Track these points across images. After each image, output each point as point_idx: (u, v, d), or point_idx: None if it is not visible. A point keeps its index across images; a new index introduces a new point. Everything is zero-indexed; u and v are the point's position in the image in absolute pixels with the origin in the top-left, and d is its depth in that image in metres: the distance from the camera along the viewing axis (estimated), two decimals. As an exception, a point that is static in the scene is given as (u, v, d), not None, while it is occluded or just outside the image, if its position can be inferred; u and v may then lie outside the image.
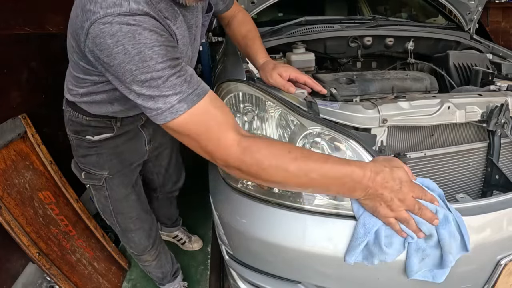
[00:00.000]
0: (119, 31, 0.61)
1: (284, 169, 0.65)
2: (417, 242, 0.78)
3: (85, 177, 1.13)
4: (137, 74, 0.62)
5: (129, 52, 0.61)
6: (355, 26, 1.80)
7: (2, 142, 1.39)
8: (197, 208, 2.28)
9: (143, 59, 0.61)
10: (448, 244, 0.76)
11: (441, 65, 1.54)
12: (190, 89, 0.65)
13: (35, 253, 1.34)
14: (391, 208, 0.72)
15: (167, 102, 0.63)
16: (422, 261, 0.79)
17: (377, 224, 0.76)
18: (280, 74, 1.03)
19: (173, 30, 0.74)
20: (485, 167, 1.13)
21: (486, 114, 1.05)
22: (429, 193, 0.77)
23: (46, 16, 1.86)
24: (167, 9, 0.72)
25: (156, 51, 0.62)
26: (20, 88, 1.61)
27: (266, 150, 0.66)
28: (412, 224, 0.73)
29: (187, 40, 0.82)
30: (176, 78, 0.64)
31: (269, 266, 0.96)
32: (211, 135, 0.66)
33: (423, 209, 0.73)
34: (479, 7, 1.80)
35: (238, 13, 1.23)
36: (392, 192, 0.70)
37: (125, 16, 0.62)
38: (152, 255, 1.42)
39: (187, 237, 2.01)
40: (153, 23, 0.65)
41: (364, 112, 0.96)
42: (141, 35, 0.62)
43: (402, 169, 0.73)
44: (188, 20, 0.82)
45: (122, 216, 1.23)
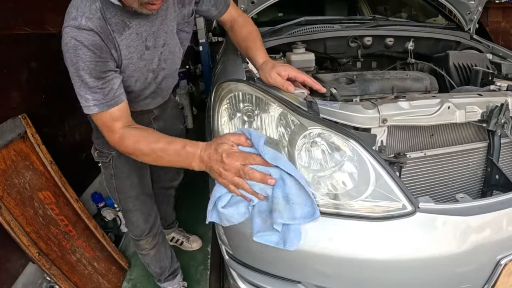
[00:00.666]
0: (69, 42, 0.87)
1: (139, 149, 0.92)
2: (259, 204, 0.85)
3: (97, 156, 1.31)
4: (74, 75, 0.89)
5: (71, 59, 0.87)
6: (355, 26, 1.80)
7: (2, 142, 1.40)
8: (197, 208, 2.27)
9: (78, 68, 0.87)
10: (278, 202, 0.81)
11: (441, 65, 1.54)
12: (104, 100, 0.91)
13: (35, 253, 1.34)
14: (223, 177, 0.84)
15: (88, 102, 0.91)
16: (265, 223, 0.84)
17: (221, 192, 0.87)
18: (279, 73, 1.03)
19: (116, 41, 0.94)
20: (485, 167, 1.13)
21: (486, 114, 1.05)
22: (258, 157, 0.83)
23: (46, 16, 1.86)
24: (117, 24, 0.93)
25: (87, 65, 0.87)
26: (20, 88, 1.61)
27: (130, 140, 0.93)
28: (246, 188, 0.84)
29: (139, 48, 1.00)
30: (97, 88, 0.90)
31: (269, 266, 0.96)
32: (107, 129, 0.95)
33: (250, 173, 0.82)
34: (479, 7, 1.80)
35: (238, 17, 1.25)
36: (217, 164, 0.84)
37: (77, 29, 0.86)
38: (150, 242, 1.46)
39: (185, 238, 2.02)
40: (93, 40, 0.88)
41: (364, 112, 0.96)
42: (81, 50, 0.86)
43: (226, 144, 0.84)
44: (145, 29, 1.00)
45: (123, 195, 1.34)
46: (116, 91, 0.94)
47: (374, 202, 0.85)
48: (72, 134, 2.07)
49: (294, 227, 0.81)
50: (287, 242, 0.81)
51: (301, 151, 0.90)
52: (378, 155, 0.88)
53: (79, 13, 0.87)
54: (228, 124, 0.98)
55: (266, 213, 0.85)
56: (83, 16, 0.87)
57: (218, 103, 1.00)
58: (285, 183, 0.82)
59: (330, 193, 0.87)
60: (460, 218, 0.84)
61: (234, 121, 0.97)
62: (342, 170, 0.88)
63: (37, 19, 1.79)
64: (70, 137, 2.05)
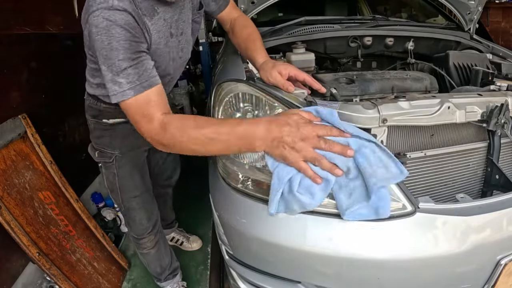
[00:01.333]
0: (100, 23, 0.80)
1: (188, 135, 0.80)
2: (338, 180, 0.76)
3: (98, 156, 1.28)
4: (106, 58, 0.82)
5: (103, 41, 0.81)
6: (355, 26, 1.80)
7: (2, 142, 1.40)
8: (197, 208, 2.28)
9: (111, 49, 0.81)
10: (368, 169, 0.74)
11: (441, 65, 1.54)
12: (138, 81, 0.84)
13: (35, 253, 1.34)
14: (296, 150, 0.74)
15: (121, 87, 0.83)
16: (350, 197, 0.77)
17: (291, 173, 0.76)
18: (279, 72, 1.04)
19: (147, 25, 0.91)
20: (485, 167, 1.13)
21: (486, 114, 1.04)
22: (335, 128, 0.76)
23: (46, 16, 1.86)
24: (147, 8, 0.91)
25: (122, 44, 0.81)
26: (20, 88, 1.61)
27: (177, 122, 0.81)
28: (324, 162, 0.74)
29: (164, 34, 0.98)
30: (131, 69, 0.83)
31: (269, 266, 0.96)
32: (144, 116, 0.84)
33: (330, 143, 0.74)
34: (479, 7, 1.80)
35: (238, 18, 1.26)
36: (291, 134, 0.74)
37: (108, 10, 0.81)
38: (152, 240, 1.46)
39: (185, 238, 2.02)
40: (127, 20, 0.83)
41: (364, 112, 0.96)
42: (114, 29, 0.81)
43: (296, 113, 0.77)
44: (169, 16, 0.98)
45: (126, 194, 1.33)
46: (151, 72, 0.87)
47: (374, 202, 0.85)
48: (72, 134, 2.07)
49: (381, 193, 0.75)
50: (380, 210, 0.76)
51: (301, 151, 0.90)
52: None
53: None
54: (228, 124, 0.98)
55: (348, 187, 0.78)
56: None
57: (218, 103, 1.00)
58: (366, 150, 0.75)
59: (330, 193, 0.87)
60: (460, 218, 0.84)
61: (234, 121, 0.97)
62: (342, 170, 0.88)
63: (37, 19, 1.79)
64: (70, 137, 2.05)
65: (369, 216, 0.77)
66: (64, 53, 1.94)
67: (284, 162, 0.77)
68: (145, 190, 1.38)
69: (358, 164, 0.76)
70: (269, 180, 0.85)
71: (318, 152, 0.75)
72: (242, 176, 0.95)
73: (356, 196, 0.77)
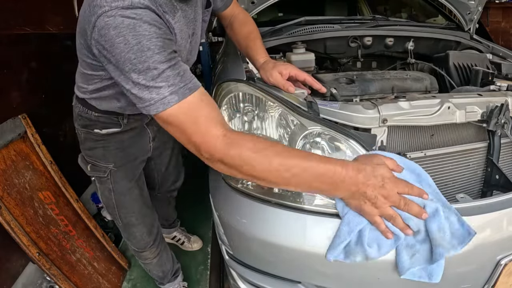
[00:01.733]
0: (122, 23, 0.66)
1: (266, 163, 0.67)
2: (406, 239, 0.76)
3: (90, 170, 1.17)
4: (135, 62, 0.66)
5: (129, 42, 0.65)
6: (355, 26, 1.80)
7: (2, 142, 1.39)
8: (197, 208, 2.28)
9: (142, 49, 0.66)
10: (438, 237, 0.74)
11: (441, 65, 1.54)
12: (182, 83, 0.69)
13: (35, 253, 1.34)
14: (375, 206, 0.71)
15: (160, 93, 0.67)
16: (413, 257, 0.78)
17: (362, 223, 0.75)
18: (280, 72, 1.03)
19: (171, 24, 0.79)
20: (485, 167, 1.13)
21: (486, 114, 1.04)
22: (416, 187, 0.75)
23: (46, 16, 1.86)
24: (167, 4, 0.77)
25: (154, 42, 0.67)
26: (20, 88, 1.61)
27: (250, 143, 0.68)
28: (398, 221, 0.73)
29: (185, 34, 0.86)
30: (170, 71, 0.68)
31: (269, 266, 0.96)
32: (198, 127, 0.69)
33: (409, 204, 0.72)
34: (479, 7, 1.80)
35: (238, 14, 1.23)
36: (375, 190, 0.70)
37: (127, 9, 0.67)
38: (153, 252, 1.42)
39: (186, 238, 2.02)
40: (153, 17, 0.70)
41: (364, 112, 0.96)
42: (141, 27, 0.66)
43: (384, 166, 0.73)
44: (188, 14, 0.87)
45: (124, 210, 1.25)
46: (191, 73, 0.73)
47: (374, 202, 0.85)
48: (72, 134, 2.05)
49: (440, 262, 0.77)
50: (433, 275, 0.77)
51: (301, 151, 0.90)
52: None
53: None
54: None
55: (414, 248, 0.78)
56: None
57: (218, 103, 1.00)
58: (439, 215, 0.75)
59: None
60: (460, 218, 0.84)
61: (234, 121, 0.97)
62: (342, 170, 0.88)
63: (37, 19, 1.79)
64: (70, 137, 2.05)
65: (422, 278, 0.78)
66: (64, 53, 1.93)
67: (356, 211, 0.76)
68: (144, 203, 1.30)
69: (428, 229, 0.75)
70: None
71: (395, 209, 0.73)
72: (242, 176, 0.95)
73: (418, 258, 0.78)
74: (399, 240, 0.76)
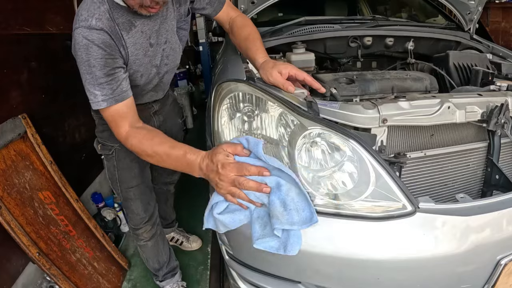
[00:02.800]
0: (81, 41, 0.92)
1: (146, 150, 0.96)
2: (257, 211, 0.87)
3: (100, 148, 1.37)
4: (84, 72, 0.95)
5: (83, 58, 0.93)
6: (355, 26, 1.80)
7: (2, 142, 1.39)
8: (197, 208, 2.28)
9: (89, 65, 0.93)
10: (273, 209, 0.81)
11: (441, 65, 1.54)
12: (112, 95, 0.97)
13: (35, 253, 1.34)
14: (219, 187, 0.86)
15: (97, 98, 0.97)
16: (264, 229, 0.85)
17: (218, 199, 0.89)
18: (280, 71, 1.04)
19: (124, 39, 1.01)
20: (485, 167, 1.13)
21: (486, 114, 1.05)
22: (254, 167, 0.83)
23: (46, 16, 1.86)
24: (124, 23, 1.00)
25: (98, 62, 0.94)
26: (20, 88, 1.61)
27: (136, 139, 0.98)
28: (242, 197, 0.85)
29: (144, 45, 1.08)
30: (106, 84, 0.96)
31: (269, 266, 0.96)
32: (115, 125, 1.01)
33: (245, 183, 0.83)
34: (479, 7, 1.80)
35: (236, 18, 1.26)
36: (213, 174, 0.86)
37: (88, 29, 0.92)
38: (148, 231, 1.49)
39: (185, 238, 2.02)
40: (104, 39, 0.94)
41: (364, 112, 0.96)
42: (92, 48, 0.93)
43: (222, 153, 0.85)
44: (149, 28, 1.07)
45: (125, 184, 1.40)
46: (123, 87, 1.00)
47: (374, 202, 0.85)
48: (72, 134, 2.07)
49: (293, 232, 0.81)
50: (288, 247, 0.81)
51: (301, 151, 0.90)
52: (378, 155, 0.88)
53: (89, 15, 0.94)
54: (228, 124, 0.98)
55: (264, 219, 0.86)
56: (93, 17, 0.93)
57: (218, 103, 1.00)
58: (281, 189, 0.82)
59: (330, 193, 0.87)
60: (460, 218, 0.84)
61: (234, 121, 0.97)
62: (342, 170, 0.88)
63: (37, 19, 1.79)
64: (70, 137, 2.05)
65: (277, 250, 0.83)
66: (64, 53, 1.94)
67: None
68: (142, 182, 1.43)
69: (269, 201, 0.83)
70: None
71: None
72: (242, 176, 0.95)
73: (268, 230, 0.84)
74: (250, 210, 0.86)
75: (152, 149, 0.95)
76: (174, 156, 0.93)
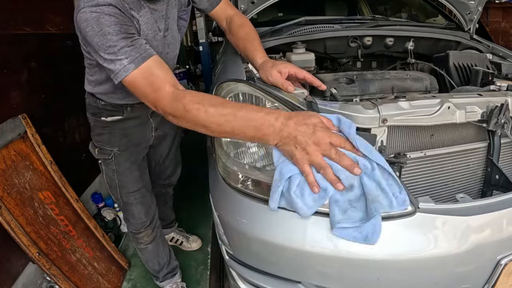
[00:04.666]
0: (90, 16, 0.86)
1: (203, 110, 0.78)
2: (336, 194, 0.75)
3: (98, 153, 1.33)
4: (100, 44, 0.86)
5: (94, 29, 0.86)
6: (355, 26, 1.80)
7: (2, 142, 1.40)
8: (197, 208, 2.28)
9: (103, 34, 0.85)
10: (373, 192, 0.73)
11: (441, 65, 1.54)
12: (137, 54, 0.87)
13: (35, 253, 1.35)
14: (306, 152, 0.72)
15: (122, 64, 0.86)
16: (345, 213, 0.76)
17: (292, 171, 0.74)
18: (279, 71, 1.03)
19: (135, 17, 0.97)
20: (485, 167, 1.13)
21: (486, 114, 1.04)
22: (349, 143, 0.74)
23: (46, 16, 1.86)
24: (133, 3, 0.97)
25: (113, 28, 0.86)
26: (20, 88, 1.61)
27: (190, 97, 0.81)
28: (328, 172, 0.73)
29: (153, 27, 1.04)
30: (127, 47, 0.86)
31: (269, 266, 0.96)
32: (152, 87, 0.86)
33: (341, 155, 0.72)
34: (479, 7, 1.80)
35: (234, 17, 1.25)
36: (305, 135, 0.72)
37: (94, 6, 0.87)
38: (149, 235, 1.48)
39: (184, 238, 2.02)
40: (113, 11, 0.88)
41: (364, 112, 0.96)
42: (103, 18, 0.86)
43: (316, 116, 0.75)
44: (156, 11, 1.04)
45: (125, 189, 1.36)
46: (147, 46, 0.90)
47: (374, 202, 0.85)
48: (72, 134, 2.07)
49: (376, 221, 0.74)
50: (369, 236, 0.75)
51: (301, 151, 0.90)
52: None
53: None
54: (228, 124, 0.98)
55: (345, 205, 0.77)
56: None
57: (218, 103, 0.99)
58: (374, 172, 0.73)
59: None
60: (460, 218, 0.84)
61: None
62: (342, 170, 0.88)
63: (37, 19, 1.79)
64: (70, 137, 2.05)
65: (357, 239, 0.76)
66: (64, 53, 1.94)
67: (290, 160, 0.76)
68: (143, 186, 1.41)
69: (364, 185, 0.74)
70: (269, 180, 0.86)
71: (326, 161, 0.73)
72: (242, 176, 0.95)
73: (351, 215, 0.76)
74: (327, 195, 0.74)
75: (214, 107, 0.77)
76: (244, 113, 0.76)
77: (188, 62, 5.14)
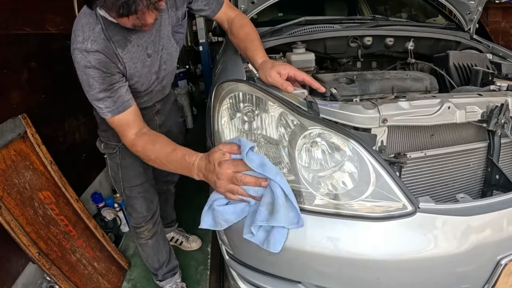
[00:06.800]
0: (79, 63, 0.99)
1: (149, 156, 1.03)
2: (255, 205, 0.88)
3: (103, 147, 1.39)
4: (87, 90, 1.03)
5: (83, 77, 1.01)
6: (355, 26, 1.80)
7: (2, 142, 1.39)
8: (197, 208, 2.28)
9: (89, 85, 1.01)
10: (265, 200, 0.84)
11: (441, 65, 1.54)
12: (114, 106, 1.04)
13: (35, 253, 1.34)
14: (218, 186, 0.88)
15: (101, 109, 1.04)
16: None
17: (216, 196, 0.91)
18: (278, 72, 1.03)
19: (120, 56, 1.05)
20: (485, 167, 1.13)
21: (486, 114, 1.05)
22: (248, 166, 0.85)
23: (46, 16, 1.86)
24: (119, 40, 1.04)
25: (97, 80, 1.00)
26: (20, 88, 1.61)
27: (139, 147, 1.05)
28: (241, 192, 0.87)
29: (141, 56, 1.11)
30: (107, 98, 1.03)
31: (269, 266, 0.96)
32: (122, 132, 1.08)
33: (243, 178, 0.85)
34: (479, 7, 1.80)
35: (235, 18, 1.26)
36: (210, 173, 0.88)
37: (85, 51, 0.98)
38: (149, 230, 1.50)
39: (184, 238, 2.02)
40: (100, 59, 0.99)
41: (364, 112, 0.96)
42: (89, 69, 0.99)
43: (217, 153, 0.87)
44: (145, 40, 1.10)
45: (128, 183, 1.41)
46: (124, 98, 1.05)
47: (374, 202, 0.85)
48: (72, 134, 2.07)
49: (280, 230, 0.83)
50: (271, 242, 0.83)
51: (301, 151, 0.90)
52: (378, 155, 0.88)
53: (85, 38, 0.98)
54: (228, 124, 0.98)
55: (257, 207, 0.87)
56: (88, 39, 0.98)
57: (218, 103, 1.00)
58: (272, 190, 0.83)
59: (330, 193, 0.87)
60: (460, 218, 0.84)
61: (234, 121, 0.97)
62: (342, 170, 0.88)
63: (37, 19, 1.79)
64: (70, 137, 2.05)
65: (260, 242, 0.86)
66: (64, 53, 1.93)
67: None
68: (146, 181, 1.44)
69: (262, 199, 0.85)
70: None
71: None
72: (242, 176, 0.95)
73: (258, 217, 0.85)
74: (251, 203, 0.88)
75: (155, 155, 1.01)
76: (174, 159, 0.97)
77: (188, 62, 5.15)
